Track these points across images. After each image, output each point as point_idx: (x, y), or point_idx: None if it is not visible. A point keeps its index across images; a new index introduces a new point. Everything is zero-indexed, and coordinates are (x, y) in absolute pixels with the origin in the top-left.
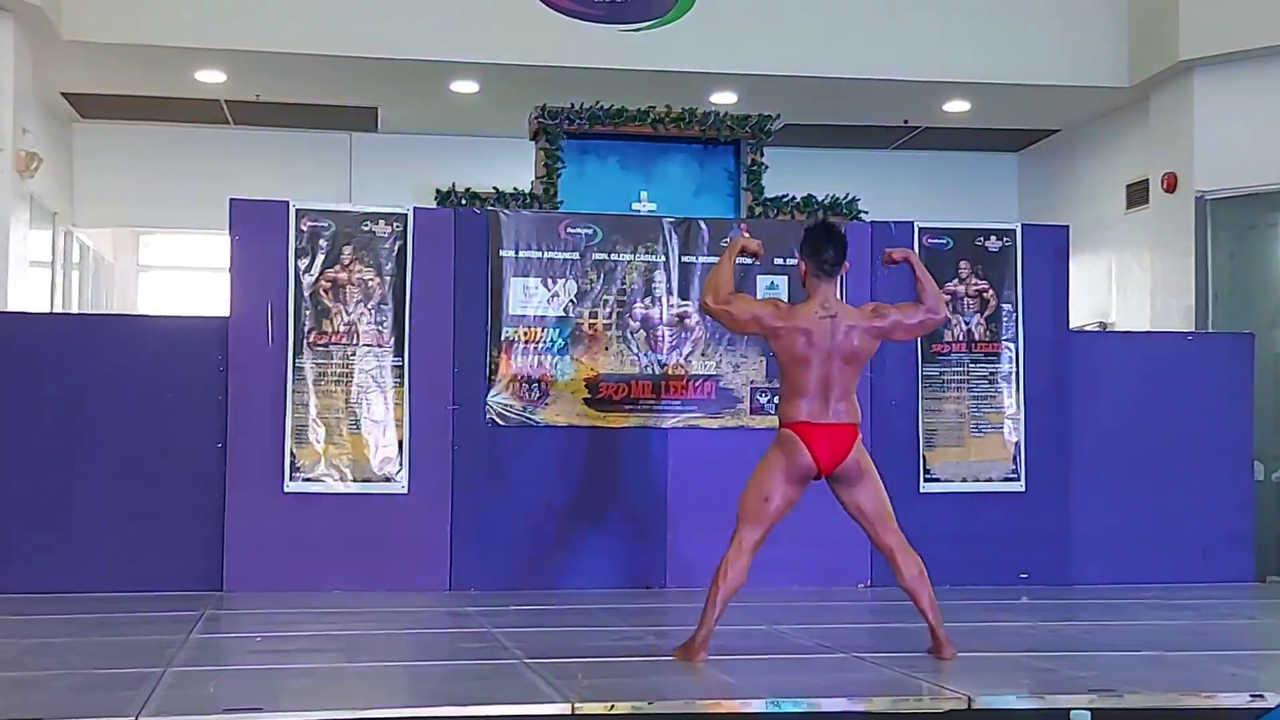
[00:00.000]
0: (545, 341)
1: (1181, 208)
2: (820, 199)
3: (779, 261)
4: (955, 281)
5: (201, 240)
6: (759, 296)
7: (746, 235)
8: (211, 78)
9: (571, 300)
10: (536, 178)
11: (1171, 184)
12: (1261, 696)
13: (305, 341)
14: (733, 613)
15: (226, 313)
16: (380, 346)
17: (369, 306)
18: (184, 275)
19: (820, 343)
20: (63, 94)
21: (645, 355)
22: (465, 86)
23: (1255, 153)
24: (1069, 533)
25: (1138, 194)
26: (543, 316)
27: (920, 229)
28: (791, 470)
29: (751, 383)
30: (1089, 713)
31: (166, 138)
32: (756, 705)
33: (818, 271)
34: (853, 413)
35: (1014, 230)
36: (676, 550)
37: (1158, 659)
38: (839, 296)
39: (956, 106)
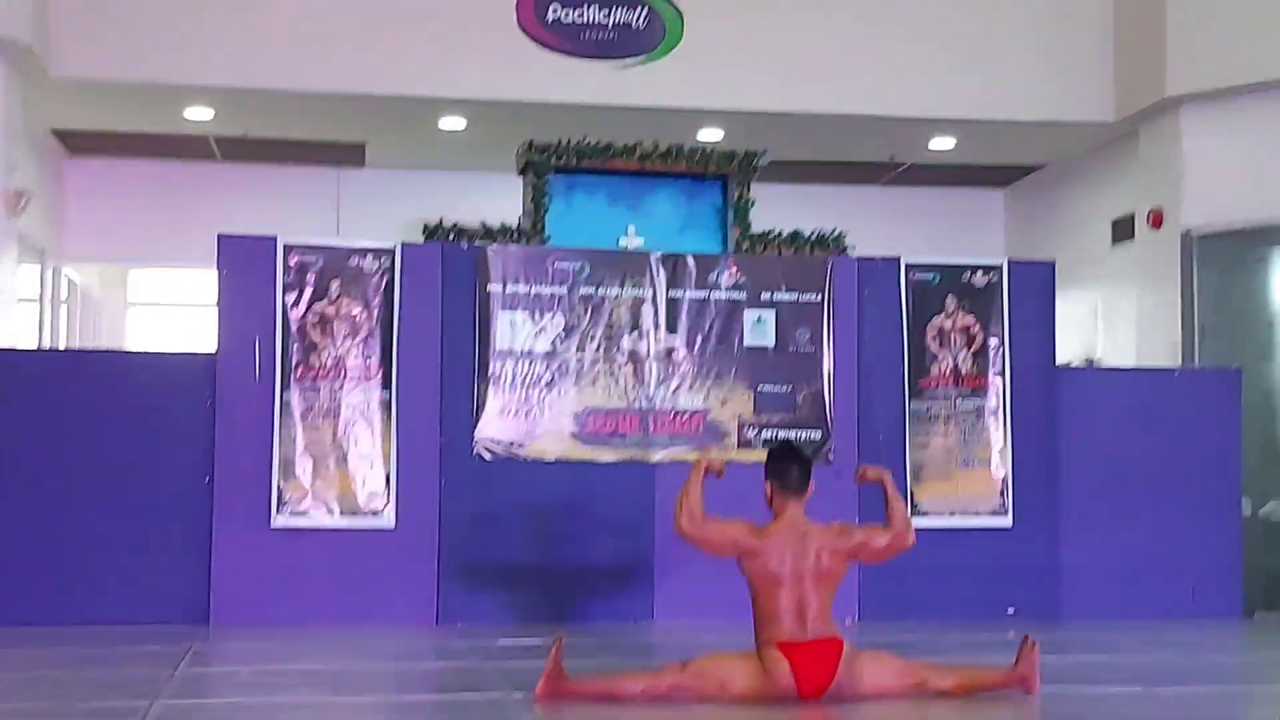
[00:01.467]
0: (532, 376)
1: (1168, 243)
2: (807, 234)
3: (766, 296)
4: (942, 317)
5: (189, 276)
6: (746, 331)
7: (711, 456)
8: (200, 114)
9: (559, 335)
10: (524, 213)
11: (1158, 220)
12: None
13: (293, 376)
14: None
15: (214, 347)
16: (368, 381)
17: (356, 341)
18: (171, 311)
19: (791, 563)
20: (53, 131)
21: (632, 389)
22: (453, 122)
23: (1242, 189)
24: (1057, 568)
25: (1124, 229)
26: (530, 351)
27: (907, 264)
28: (768, 686)
29: (739, 416)
30: None
31: (156, 174)
32: None
33: (784, 491)
34: (830, 629)
35: (1000, 266)
36: (664, 584)
37: (1145, 695)
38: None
39: (942, 143)
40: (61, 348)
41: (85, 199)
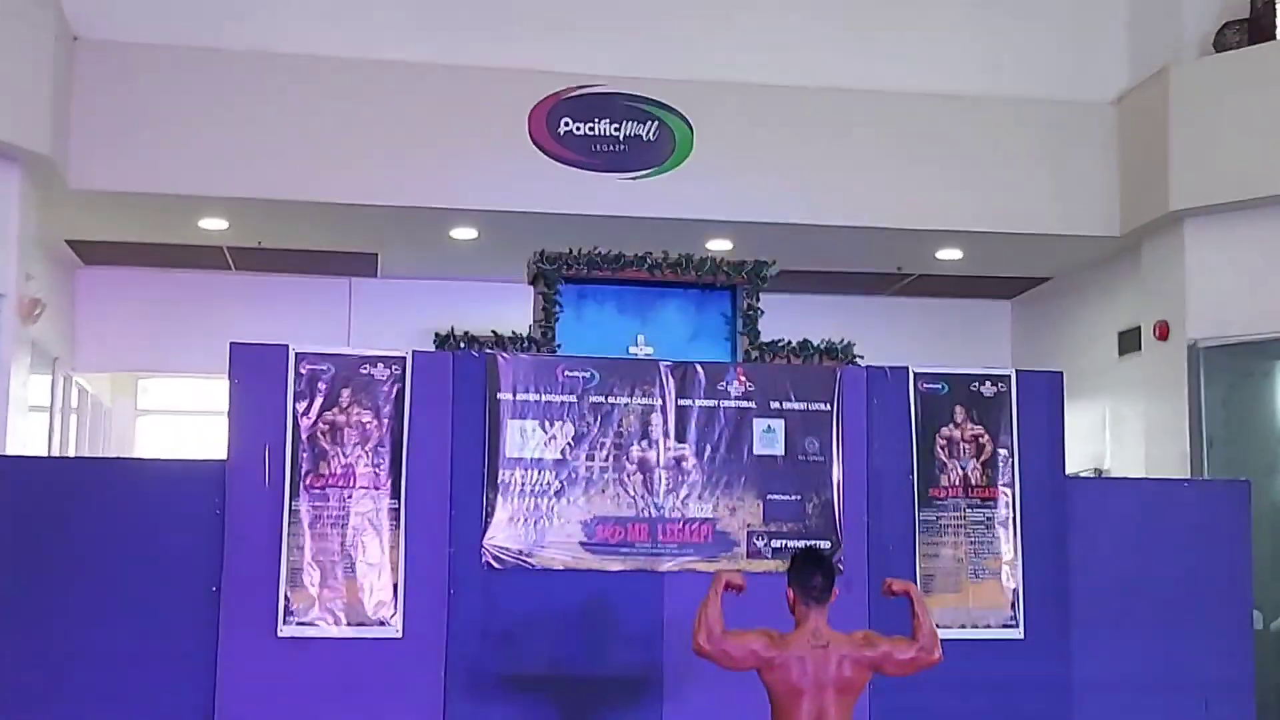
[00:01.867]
0: (542, 484)
1: (1174, 355)
2: (816, 343)
3: (775, 405)
4: (950, 427)
5: (199, 384)
6: (755, 440)
7: (733, 571)
8: (214, 225)
9: (569, 443)
10: (535, 321)
11: (1164, 332)
12: None
13: (302, 484)
14: None
15: (224, 456)
16: (377, 489)
17: (366, 449)
18: (181, 419)
19: (812, 674)
20: (67, 241)
21: (642, 498)
22: (464, 233)
23: (1247, 302)
24: (1068, 681)
25: (1130, 341)
26: (540, 459)
27: (915, 374)
28: None
29: (748, 526)
30: None
31: (169, 283)
32: None
33: (807, 599)
34: None
35: (1008, 376)
36: (674, 696)
37: None
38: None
39: (949, 254)
40: (71, 455)
41: (98, 308)
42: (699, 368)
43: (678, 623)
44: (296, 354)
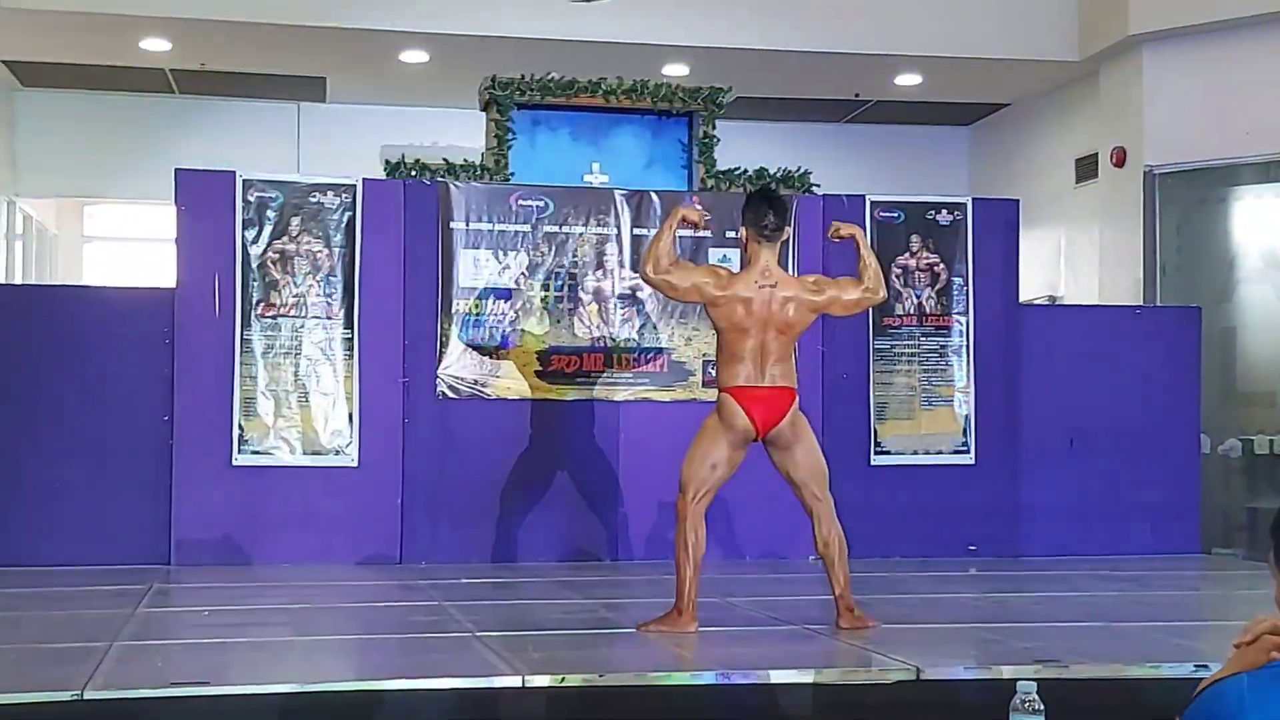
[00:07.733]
0: (496, 314)
1: (1130, 182)
2: (772, 172)
3: (731, 235)
4: (906, 255)
5: (147, 211)
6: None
7: (691, 206)
8: (156, 46)
9: (523, 272)
10: (487, 149)
11: (1120, 158)
12: (1205, 667)
13: (253, 313)
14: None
15: (173, 284)
16: (329, 319)
17: (318, 278)
18: (129, 246)
19: (758, 312)
20: (4, 62)
21: (597, 328)
22: (415, 56)
23: (1204, 127)
24: (1017, 505)
25: (1087, 168)
26: (494, 289)
27: (872, 202)
28: (733, 435)
29: (704, 355)
30: (1035, 684)
31: (111, 107)
32: (707, 677)
33: (758, 237)
34: (789, 377)
35: (965, 204)
36: (628, 523)
37: (1103, 630)
38: (785, 267)
39: (907, 80)
40: (17, 282)
41: (39, 132)
42: (654, 196)
43: (633, 451)
44: (244, 181)
